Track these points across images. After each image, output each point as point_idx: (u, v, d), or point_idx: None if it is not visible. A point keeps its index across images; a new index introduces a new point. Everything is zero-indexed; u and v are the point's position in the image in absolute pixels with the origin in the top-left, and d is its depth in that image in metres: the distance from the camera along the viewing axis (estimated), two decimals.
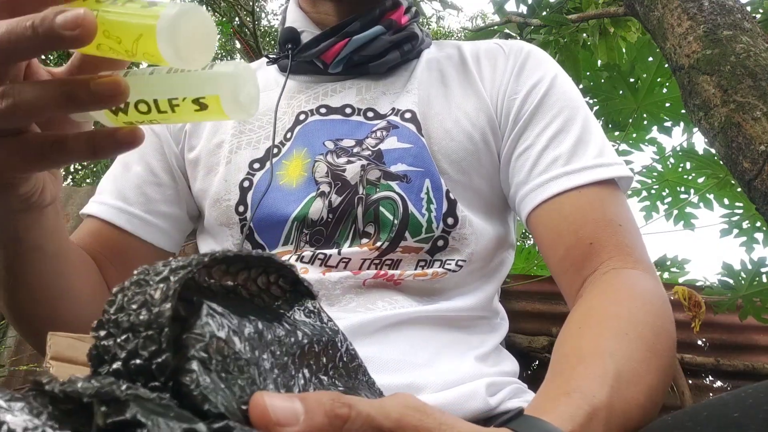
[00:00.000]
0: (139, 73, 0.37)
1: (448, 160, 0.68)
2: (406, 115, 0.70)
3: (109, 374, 0.24)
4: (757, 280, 2.04)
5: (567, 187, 0.62)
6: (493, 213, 0.72)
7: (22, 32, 0.31)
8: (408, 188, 0.65)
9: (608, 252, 0.58)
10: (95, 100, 0.34)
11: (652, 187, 2.44)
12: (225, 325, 0.27)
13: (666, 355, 0.49)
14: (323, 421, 0.25)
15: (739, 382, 2.13)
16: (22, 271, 0.52)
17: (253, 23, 7.27)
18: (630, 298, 0.53)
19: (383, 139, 0.68)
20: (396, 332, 0.60)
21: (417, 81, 0.74)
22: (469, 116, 0.70)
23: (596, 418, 0.40)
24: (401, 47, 0.75)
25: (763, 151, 1.20)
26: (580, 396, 0.41)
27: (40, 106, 0.34)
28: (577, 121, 0.67)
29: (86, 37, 0.31)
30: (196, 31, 0.34)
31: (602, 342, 0.47)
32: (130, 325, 0.24)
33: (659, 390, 0.46)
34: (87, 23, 0.31)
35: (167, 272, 0.26)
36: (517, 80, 0.71)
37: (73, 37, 0.31)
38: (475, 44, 0.80)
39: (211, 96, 0.35)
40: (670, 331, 0.52)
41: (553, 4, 2.59)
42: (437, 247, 0.65)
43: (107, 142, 0.38)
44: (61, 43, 0.31)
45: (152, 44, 0.33)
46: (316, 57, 0.74)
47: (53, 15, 0.31)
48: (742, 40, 1.35)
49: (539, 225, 0.64)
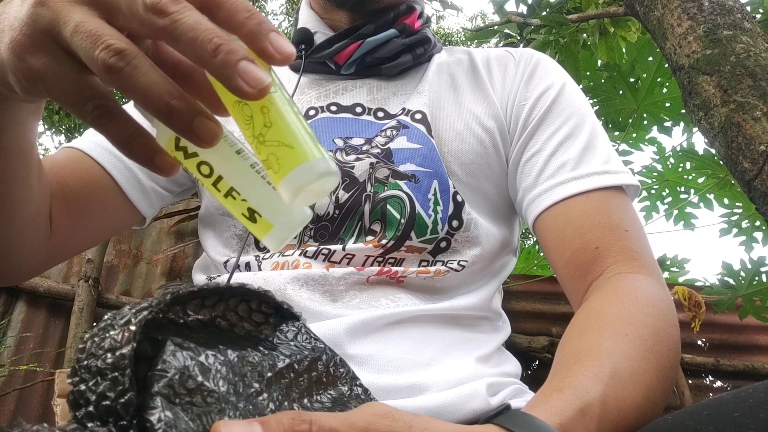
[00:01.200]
0: (230, 140, 0.35)
1: (457, 162, 0.68)
2: (416, 116, 0.70)
3: (84, 417, 0.26)
4: (757, 280, 2.05)
5: (574, 191, 0.62)
6: (499, 216, 0.72)
7: (202, 44, 0.29)
8: (416, 188, 0.65)
9: (614, 256, 0.59)
10: (187, 131, 0.31)
11: (653, 187, 2.44)
12: (189, 359, 0.28)
13: (667, 356, 0.49)
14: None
15: (739, 382, 2.13)
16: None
17: None
18: (632, 300, 0.53)
19: (393, 138, 0.68)
20: (398, 330, 0.60)
21: (428, 83, 0.74)
22: (479, 120, 0.71)
23: (589, 414, 0.40)
24: (414, 50, 0.76)
25: (763, 151, 1.20)
26: (572, 392, 0.41)
27: (143, 93, 0.30)
28: (585, 128, 0.67)
29: (256, 97, 0.29)
30: (318, 189, 0.32)
31: (601, 342, 0.47)
32: (97, 369, 0.26)
33: (658, 391, 0.46)
34: (263, 90, 0.29)
35: (130, 315, 0.28)
36: (527, 87, 0.72)
37: (240, 89, 0.29)
38: (486, 51, 0.80)
39: (265, 221, 0.33)
40: (672, 335, 0.51)
41: (553, 4, 2.59)
42: (440, 248, 0.65)
43: (144, 153, 0.33)
44: (225, 81, 0.29)
45: (286, 160, 0.30)
46: (329, 58, 0.74)
47: (240, 57, 0.29)
48: (742, 40, 1.35)
49: (546, 229, 0.64)
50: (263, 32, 0.30)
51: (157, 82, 0.30)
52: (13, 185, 0.52)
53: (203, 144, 0.31)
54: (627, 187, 0.65)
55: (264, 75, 0.29)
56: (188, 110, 0.30)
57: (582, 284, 0.60)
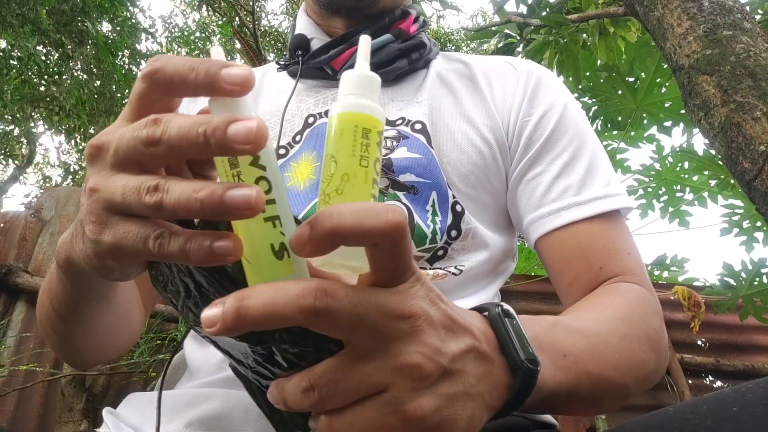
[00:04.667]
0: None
1: (456, 172, 0.68)
2: (416, 126, 0.70)
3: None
4: (758, 281, 2.05)
5: (578, 217, 0.65)
6: (499, 225, 0.73)
7: (194, 139, 0.30)
8: (414, 200, 0.65)
9: (615, 273, 0.63)
10: (221, 213, 0.30)
11: (649, 185, 2.45)
12: None
13: (638, 345, 0.52)
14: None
15: (739, 382, 2.12)
16: (85, 311, 0.51)
17: (253, 23, 7.27)
18: (614, 294, 0.58)
19: (393, 149, 0.68)
20: None
21: (427, 93, 0.74)
22: (479, 131, 0.71)
23: (557, 325, 0.46)
24: (409, 55, 0.76)
25: (763, 151, 1.20)
26: (543, 318, 0.47)
27: (183, 209, 0.30)
28: (586, 151, 0.70)
29: (254, 150, 0.29)
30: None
31: (574, 319, 0.52)
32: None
33: (623, 370, 0.49)
34: (260, 138, 0.29)
35: None
36: (531, 103, 0.73)
37: (244, 150, 0.29)
38: (485, 61, 0.80)
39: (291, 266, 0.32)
40: (648, 331, 0.54)
41: (553, 4, 2.59)
42: (437, 256, 0.65)
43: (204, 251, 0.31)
44: (234, 152, 0.30)
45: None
46: (326, 63, 0.75)
47: (225, 125, 0.29)
48: (742, 40, 1.35)
49: (550, 250, 0.67)
50: (214, 78, 0.31)
51: (184, 190, 0.30)
52: (126, 319, 0.61)
53: (244, 213, 0.30)
54: (623, 209, 0.68)
55: (249, 124, 0.29)
56: (210, 200, 0.30)
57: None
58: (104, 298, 0.50)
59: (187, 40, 8.66)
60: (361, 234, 0.30)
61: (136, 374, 1.85)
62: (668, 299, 2.10)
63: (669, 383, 2.02)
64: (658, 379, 0.56)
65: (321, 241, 0.30)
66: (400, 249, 0.31)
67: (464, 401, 0.33)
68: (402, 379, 0.31)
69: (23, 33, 5.58)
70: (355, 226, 0.29)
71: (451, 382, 0.33)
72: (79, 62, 6.50)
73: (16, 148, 9.54)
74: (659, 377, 0.56)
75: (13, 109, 6.90)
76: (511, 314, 0.39)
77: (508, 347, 0.37)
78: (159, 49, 8.39)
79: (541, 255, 0.69)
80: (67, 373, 1.83)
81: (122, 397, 0.62)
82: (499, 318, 0.38)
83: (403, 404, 0.31)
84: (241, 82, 0.30)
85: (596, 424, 1.94)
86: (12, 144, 9.26)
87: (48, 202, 2.23)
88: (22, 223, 2.15)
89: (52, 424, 1.83)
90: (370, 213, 0.30)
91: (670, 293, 2.06)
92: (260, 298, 0.29)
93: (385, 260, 0.31)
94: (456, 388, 0.33)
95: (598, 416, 1.95)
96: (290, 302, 0.29)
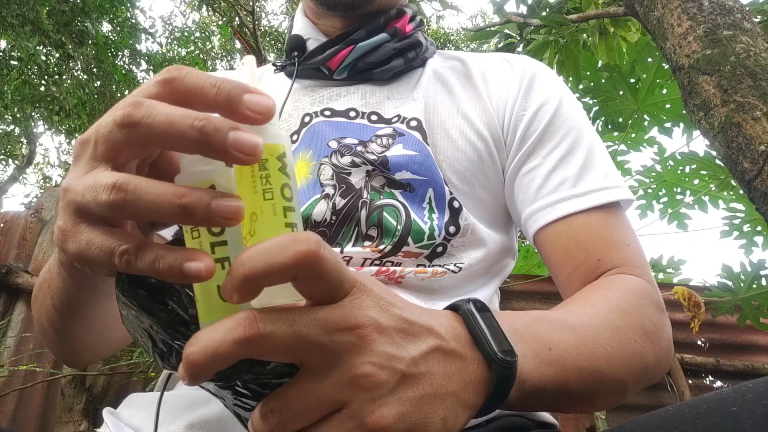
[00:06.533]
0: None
1: (452, 169, 0.68)
2: (411, 123, 0.71)
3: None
4: (756, 283, 2.05)
5: (575, 209, 0.64)
6: (497, 221, 0.73)
7: (185, 130, 0.28)
8: (410, 197, 0.66)
9: (614, 265, 0.62)
10: (211, 220, 0.29)
11: (650, 187, 2.45)
12: None
13: (633, 337, 0.51)
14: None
15: (739, 382, 2.12)
16: (84, 305, 0.50)
17: (253, 23, 7.28)
18: (609, 286, 0.57)
19: (389, 147, 0.68)
20: None
21: (423, 90, 0.75)
22: (474, 127, 0.71)
23: (541, 319, 0.45)
24: (405, 54, 0.76)
25: (763, 151, 1.20)
26: (527, 312, 0.46)
27: (151, 210, 0.29)
28: (583, 144, 0.69)
29: (254, 161, 0.29)
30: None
31: (562, 313, 0.51)
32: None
33: (617, 364, 0.48)
34: (259, 152, 0.29)
35: None
36: (526, 97, 0.73)
37: (239, 160, 0.29)
38: (481, 58, 0.81)
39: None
40: (644, 322, 0.53)
41: (553, 4, 2.59)
42: (436, 252, 0.65)
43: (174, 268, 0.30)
44: (221, 157, 0.29)
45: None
46: (322, 64, 0.75)
47: (227, 129, 0.28)
48: (742, 40, 1.35)
49: (548, 243, 0.66)
50: (236, 101, 0.30)
51: (161, 193, 0.29)
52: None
53: (228, 222, 0.30)
54: (623, 201, 0.68)
55: (256, 138, 0.29)
56: (199, 203, 0.29)
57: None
58: (104, 293, 0.50)
59: (187, 40, 8.65)
60: (274, 273, 0.29)
61: (136, 374, 1.85)
62: (668, 299, 2.11)
63: (669, 383, 2.02)
64: (660, 374, 0.55)
65: (242, 289, 0.29)
66: (321, 273, 0.30)
67: (433, 403, 0.33)
68: (358, 391, 0.31)
69: (24, 33, 5.59)
70: (266, 268, 0.28)
71: (414, 386, 0.32)
72: (79, 62, 6.49)
73: (17, 148, 9.54)
74: (662, 371, 0.55)
75: (13, 109, 6.91)
76: (485, 308, 0.38)
77: (481, 341, 0.36)
78: (159, 49, 8.39)
79: (539, 249, 0.68)
80: (67, 373, 1.83)
81: (122, 397, 0.62)
82: (470, 313, 0.37)
83: (364, 417, 0.31)
84: (263, 112, 0.30)
85: (596, 423, 1.94)
86: (12, 144, 9.27)
87: (48, 202, 2.23)
88: (22, 223, 2.15)
89: (52, 424, 1.83)
90: (276, 250, 0.29)
91: (670, 293, 2.06)
92: (199, 343, 0.29)
93: (311, 287, 0.31)
94: (421, 390, 0.33)
95: (598, 416, 1.95)
96: (225, 338, 0.28)
